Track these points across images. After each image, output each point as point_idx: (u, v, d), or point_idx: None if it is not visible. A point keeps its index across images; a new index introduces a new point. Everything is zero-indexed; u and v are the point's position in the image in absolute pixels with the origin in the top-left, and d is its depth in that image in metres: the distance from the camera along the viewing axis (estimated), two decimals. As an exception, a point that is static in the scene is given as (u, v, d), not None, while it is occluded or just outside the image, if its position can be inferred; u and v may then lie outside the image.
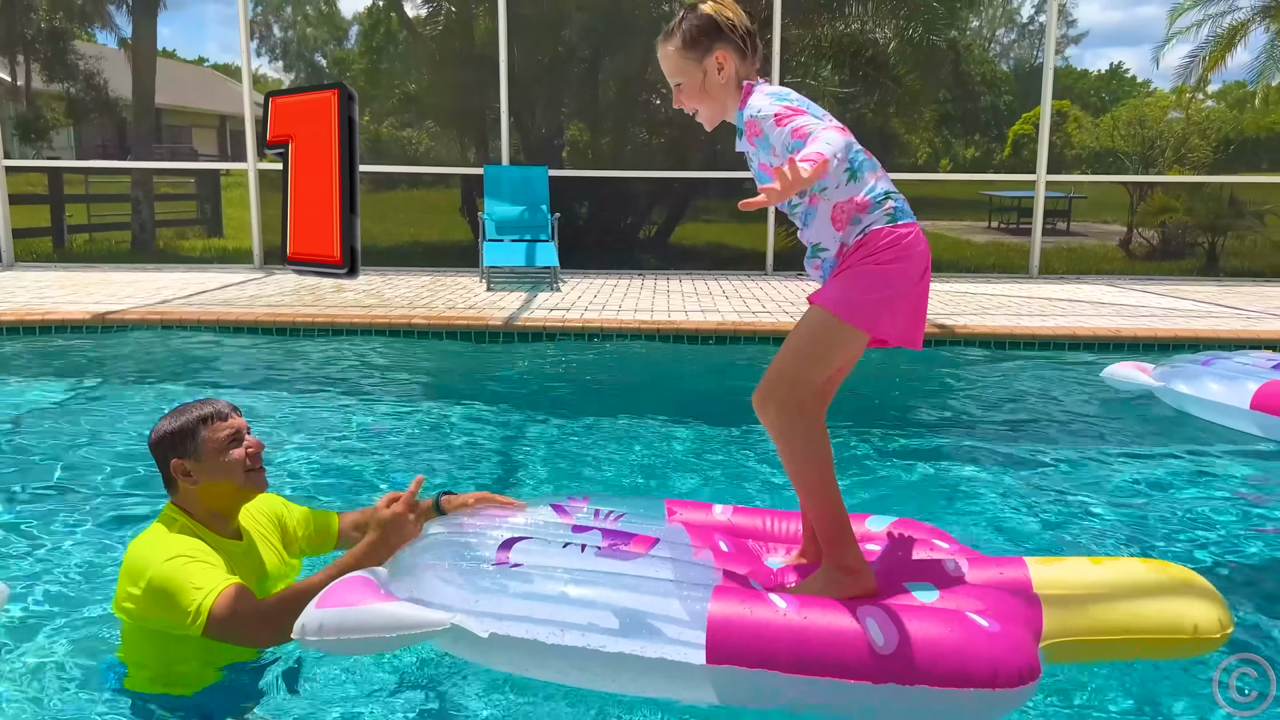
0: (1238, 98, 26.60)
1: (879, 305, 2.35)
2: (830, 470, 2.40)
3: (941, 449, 4.90)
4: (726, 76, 2.44)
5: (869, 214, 2.36)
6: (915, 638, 2.11)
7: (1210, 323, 7.70)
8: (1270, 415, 4.81)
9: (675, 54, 2.46)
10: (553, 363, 6.79)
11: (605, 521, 2.72)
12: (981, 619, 2.19)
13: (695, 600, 2.20)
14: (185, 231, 16.96)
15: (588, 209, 14.60)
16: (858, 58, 14.29)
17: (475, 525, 2.61)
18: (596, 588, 2.24)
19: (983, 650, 2.11)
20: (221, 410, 2.52)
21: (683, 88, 2.49)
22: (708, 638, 2.12)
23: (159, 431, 2.49)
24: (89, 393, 5.67)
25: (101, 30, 18.10)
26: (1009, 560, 2.55)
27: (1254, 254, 13.51)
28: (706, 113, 2.52)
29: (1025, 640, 2.20)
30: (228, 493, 2.49)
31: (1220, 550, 3.58)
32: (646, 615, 2.17)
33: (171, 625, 2.29)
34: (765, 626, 2.14)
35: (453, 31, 14.79)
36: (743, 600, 2.21)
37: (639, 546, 2.50)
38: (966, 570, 2.49)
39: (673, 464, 4.54)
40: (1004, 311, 8.19)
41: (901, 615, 2.17)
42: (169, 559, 2.31)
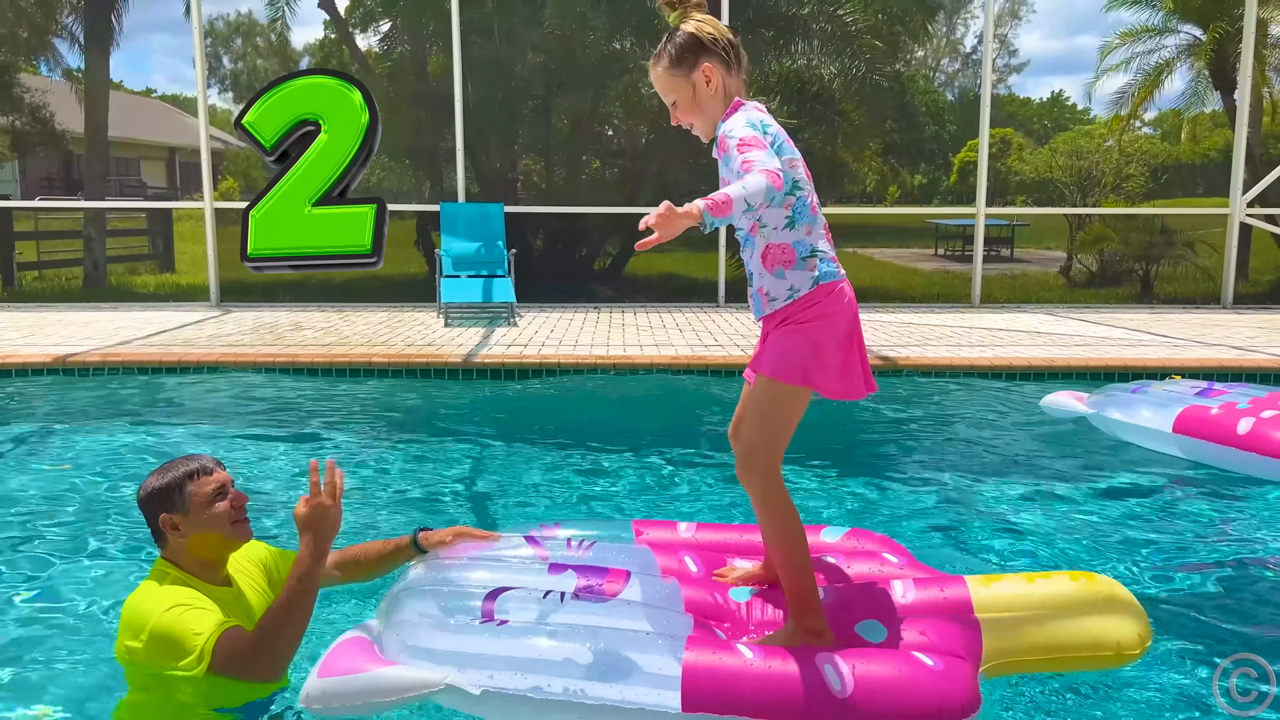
0: (1173, 126, 27.50)
1: (811, 362, 2.56)
2: (803, 536, 2.63)
3: (884, 475, 5.17)
4: (715, 88, 2.60)
5: (793, 270, 2.56)
6: (869, 681, 2.34)
7: (1139, 351, 8.07)
8: (1188, 438, 5.16)
9: (665, 73, 2.63)
10: (512, 398, 6.97)
11: (579, 551, 2.93)
12: (926, 657, 2.42)
13: (671, 651, 2.40)
14: (137, 267, 16.90)
15: (543, 242, 14.82)
16: (804, 93, 14.70)
17: (458, 575, 2.77)
18: (579, 642, 2.43)
19: (928, 688, 2.34)
20: (206, 465, 2.67)
21: (677, 104, 2.65)
22: (683, 686, 2.34)
23: (147, 488, 2.63)
24: (54, 438, 5.75)
25: (46, 63, 18.03)
26: (951, 579, 2.77)
27: (1185, 280, 14.04)
28: (701, 125, 2.67)
29: (966, 672, 2.43)
30: (215, 543, 2.64)
31: (1144, 564, 3.89)
32: (627, 667, 2.38)
33: (177, 670, 2.44)
34: (735, 675, 2.36)
35: (405, 69, 14.98)
36: (714, 650, 2.42)
37: (615, 582, 2.70)
38: (913, 594, 2.71)
39: (633, 493, 4.76)
40: (945, 343, 8.51)
41: (855, 660, 2.40)
42: (167, 609, 2.47)
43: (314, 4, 15.41)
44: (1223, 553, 4.08)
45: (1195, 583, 3.74)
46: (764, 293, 2.61)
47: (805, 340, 2.55)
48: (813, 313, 2.55)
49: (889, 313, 10.87)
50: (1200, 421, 5.13)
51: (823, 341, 2.56)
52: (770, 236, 2.57)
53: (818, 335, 2.55)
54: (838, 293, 2.58)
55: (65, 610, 3.36)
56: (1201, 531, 4.33)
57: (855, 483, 4.99)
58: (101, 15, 14.90)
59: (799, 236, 2.56)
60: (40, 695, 2.77)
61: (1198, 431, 5.13)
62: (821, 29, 14.06)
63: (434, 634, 2.48)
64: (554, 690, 2.35)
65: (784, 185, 2.40)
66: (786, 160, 2.52)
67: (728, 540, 3.17)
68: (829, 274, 2.57)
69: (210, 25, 38.14)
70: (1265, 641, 3.24)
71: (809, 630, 2.55)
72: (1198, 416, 5.17)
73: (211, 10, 36.05)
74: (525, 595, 2.61)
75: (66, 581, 3.60)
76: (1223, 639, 3.22)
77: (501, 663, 2.39)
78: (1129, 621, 2.63)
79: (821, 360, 2.56)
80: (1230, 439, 4.92)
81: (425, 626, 2.51)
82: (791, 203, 2.55)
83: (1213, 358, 7.71)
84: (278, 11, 15.68)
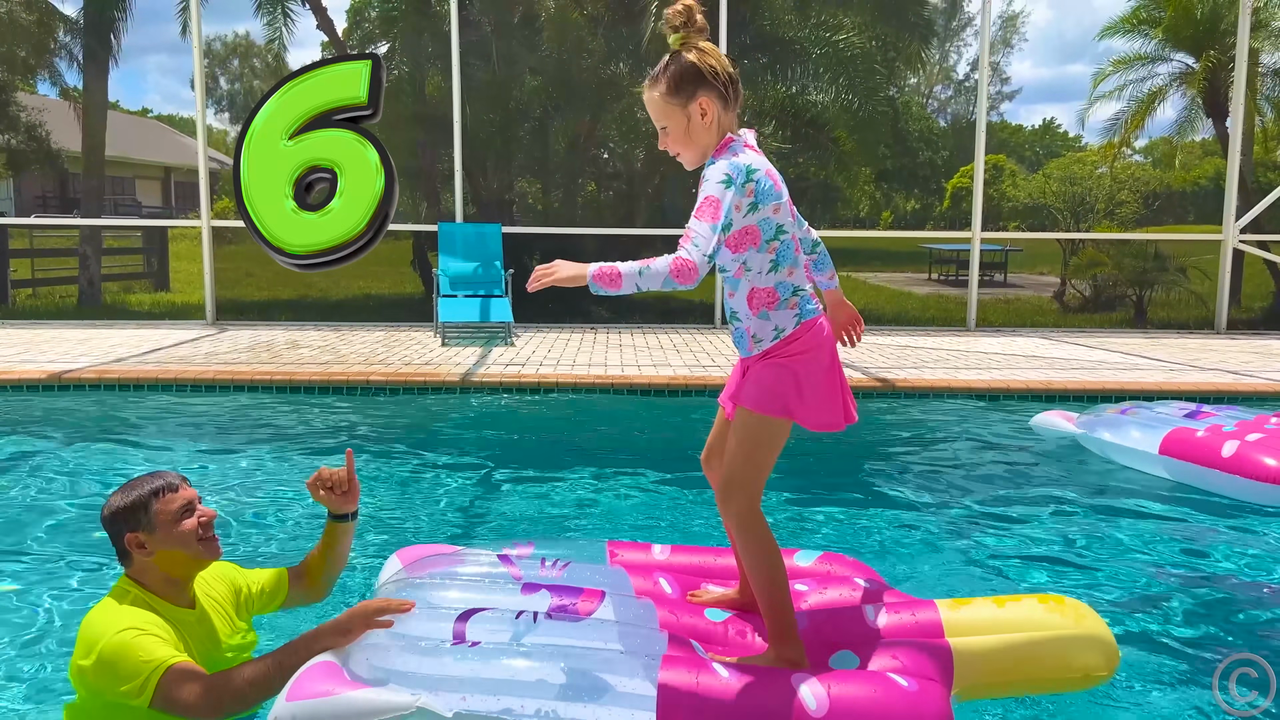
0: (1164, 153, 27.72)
1: (792, 395, 2.59)
2: (782, 567, 2.63)
3: (875, 495, 5.18)
4: (710, 121, 2.56)
5: (776, 310, 2.60)
6: (843, 702, 2.34)
7: (1135, 375, 8.10)
8: (1174, 460, 5.20)
9: (660, 99, 2.58)
10: (509, 418, 6.96)
11: (552, 570, 2.89)
12: (901, 679, 2.43)
13: (646, 670, 2.39)
14: (132, 285, 16.87)
15: (539, 263, 14.83)
16: (798, 118, 14.81)
17: (429, 595, 2.73)
18: (552, 662, 2.40)
19: (903, 709, 2.34)
20: (172, 482, 2.60)
21: (668, 131, 2.60)
22: (658, 706, 2.32)
23: (111, 507, 2.56)
24: (49, 455, 5.72)
25: (43, 81, 18.06)
26: (922, 603, 2.79)
27: (1179, 306, 14.12)
28: (689, 156, 2.65)
29: (938, 694, 2.43)
30: (183, 561, 2.58)
31: (1123, 584, 3.92)
32: (602, 687, 2.35)
33: (120, 696, 2.36)
34: (711, 695, 2.34)
35: (403, 90, 15.04)
36: (690, 670, 2.40)
37: (589, 601, 2.68)
38: (884, 618, 2.73)
39: (625, 515, 4.74)
40: (942, 365, 8.53)
41: (830, 681, 2.39)
42: (120, 630, 2.39)
43: (312, 25, 15.51)
44: (1203, 575, 4.09)
45: (1171, 605, 3.75)
46: (750, 334, 2.65)
47: (788, 374, 2.59)
48: (795, 348, 2.59)
49: (885, 335, 10.89)
50: (1186, 444, 5.17)
51: (804, 376, 2.59)
52: (755, 280, 2.61)
53: (799, 370, 2.59)
54: (818, 328, 2.62)
55: (43, 625, 3.33)
56: (1181, 554, 4.33)
57: (843, 502, 5.00)
58: (100, 35, 14.94)
59: (782, 279, 2.60)
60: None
61: (1183, 453, 5.17)
62: (817, 55, 14.16)
63: (405, 656, 2.44)
64: (527, 711, 2.32)
65: (755, 255, 2.53)
66: (771, 206, 2.54)
67: (702, 563, 3.16)
68: (810, 311, 2.62)
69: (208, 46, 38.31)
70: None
71: (787, 660, 2.56)
72: (1183, 439, 5.21)
73: (209, 31, 36.21)
74: (498, 616, 2.58)
75: (51, 597, 3.57)
76: (1198, 661, 3.24)
77: (474, 684, 2.36)
78: (1097, 645, 2.65)
79: (802, 394, 2.59)
80: (1215, 461, 4.96)
81: (396, 649, 2.47)
82: (775, 247, 2.58)
83: (1209, 382, 7.74)
84: (275, 32, 15.77)
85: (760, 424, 2.59)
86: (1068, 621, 2.68)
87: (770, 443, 2.61)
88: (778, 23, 14.37)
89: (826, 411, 2.63)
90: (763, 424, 2.58)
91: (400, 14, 14.89)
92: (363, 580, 3.70)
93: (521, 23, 14.68)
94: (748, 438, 2.61)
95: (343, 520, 3.00)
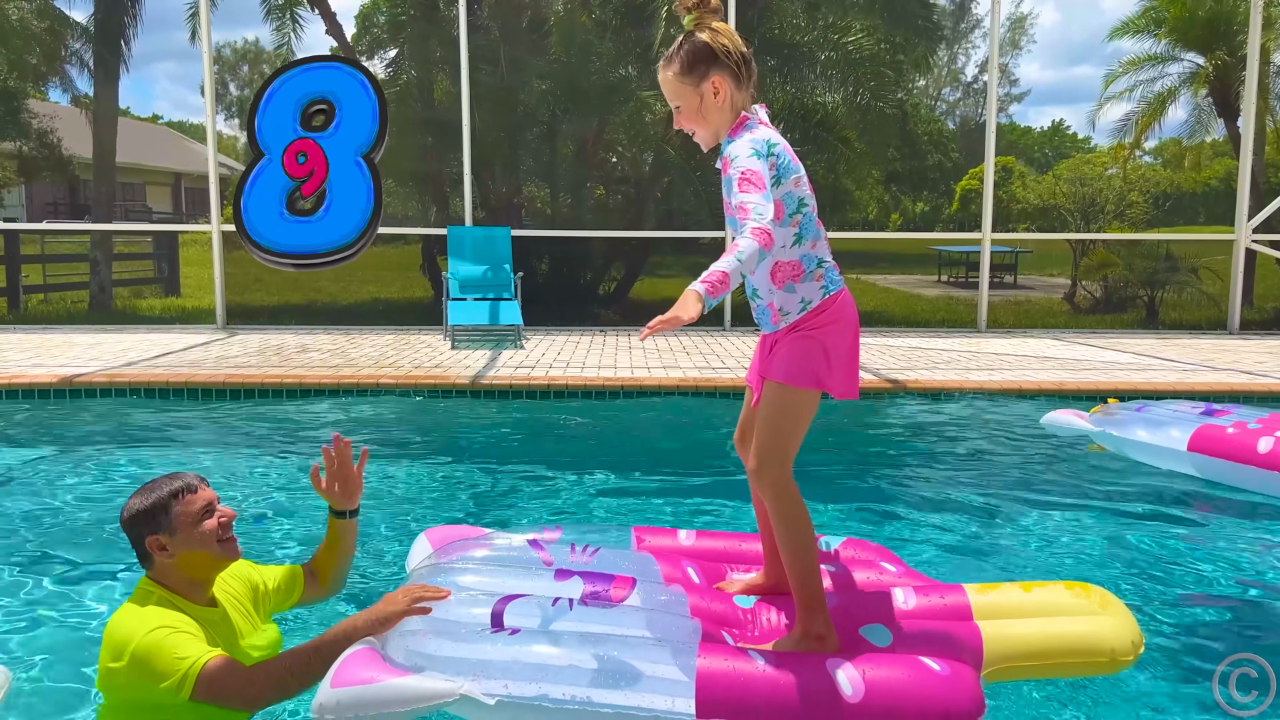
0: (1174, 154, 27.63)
1: (821, 366, 2.63)
2: (813, 540, 2.66)
3: (890, 493, 5.17)
4: (723, 100, 2.59)
5: (802, 282, 2.62)
6: (878, 686, 2.35)
7: (1148, 375, 8.05)
8: (1205, 457, 5.17)
9: (674, 79, 2.61)
10: (519, 420, 6.95)
11: (582, 556, 2.93)
12: (933, 662, 2.44)
13: (684, 657, 2.40)
14: (142, 291, 16.93)
15: (548, 266, 14.85)
16: (807, 120, 14.78)
17: (464, 581, 2.76)
18: (591, 649, 2.41)
19: (936, 693, 2.36)
20: (191, 483, 2.59)
21: (681, 110, 2.64)
22: (696, 694, 2.33)
23: (131, 510, 2.55)
24: (59, 458, 5.72)
25: (54, 88, 18.16)
26: (950, 587, 2.83)
27: (1190, 307, 14.04)
28: (703, 134, 2.67)
29: (970, 678, 2.45)
30: (205, 562, 2.57)
31: (1140, 574, 3.92)
32: (641, 674, 2.37)
33: (158, 695, 2.36)
34: (747, 681, 2.35)
35: (412, 94, 15.07)
36: (726, 657, 2.42)
37: (621, 588, 2.70)
38: (913, 600, 2.76)
39: (639, 518, 4.71)
40: (953, 366, 8.49)
41: (865, 665, 2.41)
42: (151, 630, 2.39)
43: (321, 31, 15.52)
44: (1226, 570, 4.07)
45: (1196, 598, 3.75)
46: (775, 308, 2.67)
47: (817, 346, 2.62)
48: (822, 319, 2.62)
49: (896, 337, 10.86)
50: (1218, 440, 5.12)
51: (833, 346, 2.63)
52: (779, 254, 2.62)
53: (828, 341, 2.63)
54: (844, 300, 2.67)
55: (65, 630, 3.32)
56: (1201, 549, 4.32)
57: (860, 498, 5.01)
58: (110, 42, 15.00)
59: (806, 251, 2.63)
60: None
61: (1215, 450, 5.12)
62: (826, 57, 14.14)
63: (444, 643, 2.46)
64: (569, 698, 2.33)
65: (779, 229, 2.49)
66: (792, 180, 2.58)
67: (727, 548, 3.19)
68: (835, 282, 2.66)
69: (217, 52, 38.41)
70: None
71: (815, 635, 2.57)
72: (1214, 435, 5.17)
73: (218, 38, 36.34)
74: (534, 602, 2.60)
75: (65, 601, 3.57)
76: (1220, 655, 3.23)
77: (515, 671, 2.37)
78: (1123, 628, 2.67)
79: (831, 364, 2.63)
80: (1251, 458, 4.92)
81: (435, 635, 2.49)
82: (799, 220, 2.60)
83: (1223, 382, 7.69)
84: (284, 38, 15.80)
85: (791, 396, 2.62)
86: (1093, 606, 2.72)
87: (801, 413, 2.64)
88: (786, 26, 14.36)
89: (850, 380, 2.68)
90: (794, 396, 2.62)
91: (408, 19, 14.93)
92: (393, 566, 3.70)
93: (529, 27, 14.68)
94: (779, 410, 2.63)
95: (342, 517, 3.02)
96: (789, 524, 2.63)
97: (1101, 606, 2.73)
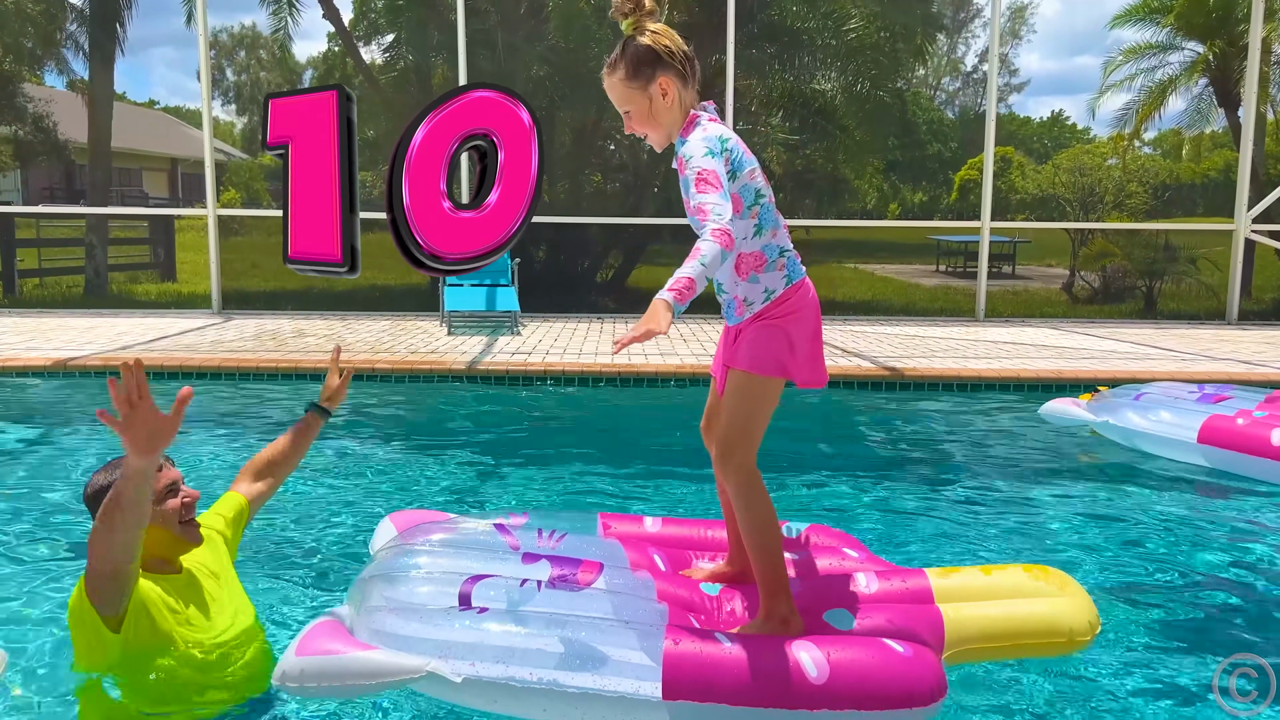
0: (1173, 145, 27.59)
1: (786, 354, 2.65)
2: (777, 525, 2.69)
3: (879, 481, 5.15)
4: (672, 101, 2.60)
5: (765, 272, 2.64)
6: (843, 667, 2.38)
7: (1147, 364, 8.03)
8: (1216, 448, 5.16)
9: (620, 84, 2.62)
10: (515, 406, 6.92)
11: (549, 542, 2.91)
12: (896, 644, 2.46)
13: (651, 640, 2.41)
14: (138, 276, 16.86)
15: (545, 253, 14.81)
16: (807, 107, 14.73)
17: (432, 561, 2.73)
18: (559, 631, 2.42)
19: (900, 673, 2.38)
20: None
21: (631, 114, 2.65)
22: (663, 675, 2.35)
23: (95, 485, 2.54)
24: (54, 441, 5.70)
25: (51, 72, 18.06)
26: (911, 571, 2.87)
27: (1189, 297, 14.02)
28: (656, 136, 2.68)
29: (933, 659, 2.47)
30: (164, 540, 2.56)
31: (1134, 568, 3.90)
32: (608, 656, 2.38)
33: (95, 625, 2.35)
34: (714, 663, 2.37)
35: (409, 81, 14.99)
36: (693, 639, 2.43)
37: (588, 573, 2.69)
38: (875, 584, 2.79)
39: (629, 503, 4.69)
40: (951, 355, 8.47)
41: (829, 648, 2.43)
42: None
43: (318, 16, 15.46)
44: (1221, 561, 4.06)
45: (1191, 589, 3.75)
46: (740, 299, 2.69)
47: (781, 334, 2.65)
48: (785, 308, 2.64)
49: (893, 325, 10.84)
50: (1230, 432, 5.11)
51: (796, 335, 2.65)
52: (741, 246, 2.63)
53: (791, 329, 2.65)
54: (805, 288, 2.68)
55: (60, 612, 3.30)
56: (1200, 539, 4.31)
57: (848, 489, 4.98)
58: (106, 26, 14.91)
59: (767, 241, 2.64)
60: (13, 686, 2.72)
61: (1227, 442, 5.11)
62: (825, 44, 14.08)
63: (412, 621, 2.47)
64: (536, 679, 2.35)
65: (738, 222, 2.51)
66: (747, 173, 2.59)
67: (693, 535, 3.21)
68: (798, 271, 2.69)
69: (214, 38, 38.32)
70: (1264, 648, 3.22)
71: (779, 618, 2.60)
72: (1225, 427, 5.15)
73: (215, 23, 36.21)
74: (502, 583, 2.59)
75: (58, 584, 3.54)
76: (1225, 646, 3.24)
77: (483, 651, 2.39)
78: (1080, 609, 2.72)
79: (795, 352, 2.66)
80: (1265, 450, 4.91)
81: (402, 613, 2.49)
82: (757, 211, 2.62)
83: (1221, 371, 7.68)
84: (281, 23, 15.73)
85: (756, 384, 2.64)
86: (1052, 588, 2.78)
87: (765, 402, 2.66)
88: (785, 13, 14.30)
89: (814, 368, 2.71)
90: (758, 384, 2.64)
91: (406, 4, 14.83)
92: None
93: (528, 13, 14.61)
94: (744, 399, 2.65)
95: (325, 415, 3.23)
96: (752, 511, 2.64)
97: (1059, 588, 2.79)
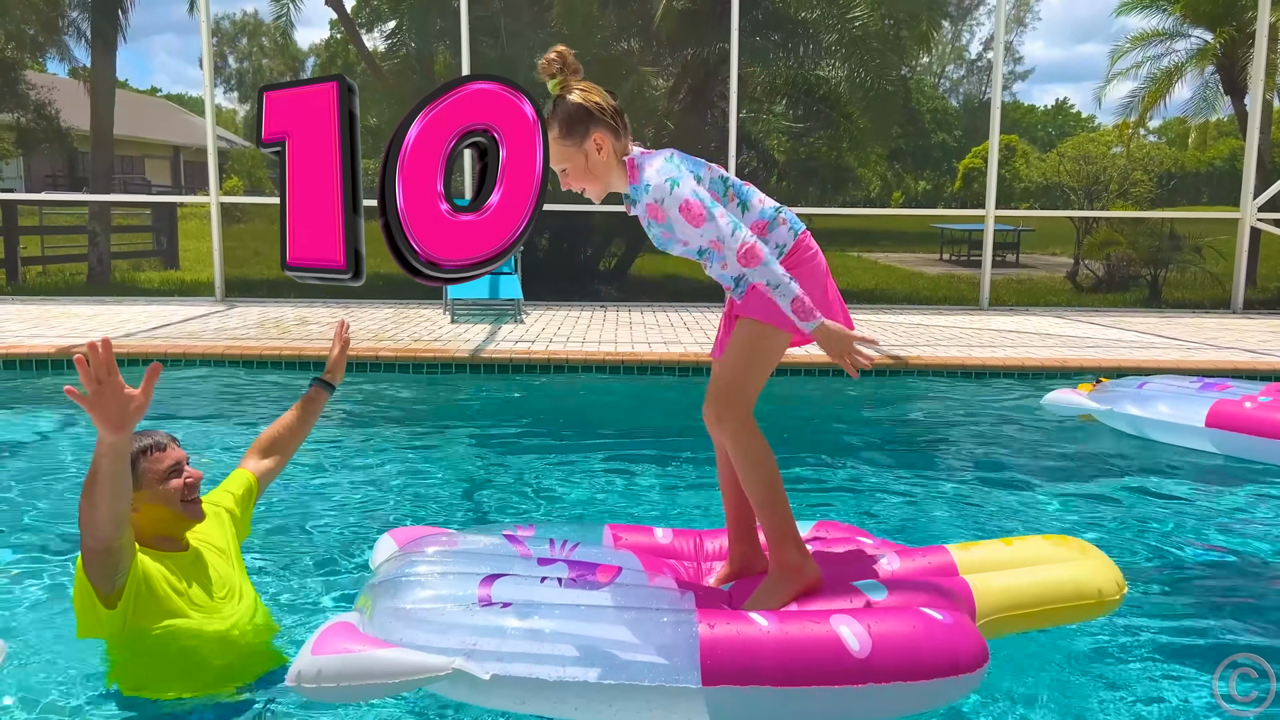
0: (1178, 134, 27.46)
1: None
2: (778, 475, 2.64)
3: (886, 469, 5.15)
4: (606, 155, 2.59)
5: (770, 233, 2.63)
6: (885, 639, 2.30)
7: (1152, 353, 8.00)
8: (1226, 432, 5.16)
9: (555, 142, 2.56)
10: (517, 394, 6.91)
11: (561, 551, 2.78)
12: (935, 612, 2.39)
13: (684, 627, 2.31)
14: (141, 264, 16.85)
15: (549, 241, 14.77)
16: (810, 95, 14.67)
17: (447, 562, 2.63)
18: (587, 622, 2.32)
19: (942, 642, 2.32)
20: (160, 441, 2.62)
21: (569, 172, 2.62)
22: (701, 661, 2.24)
23: None
24: (58, 428, 5.70)
25: (53, 59, 18.00)
26: (931, 549, 2.85)
27: (1194, 286, 13.97)
28: (594, 189, 2.66)
29: (972, 626, 2.42)
30: (167, 518, 2.59)
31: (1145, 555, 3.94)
32: (642, 645, 2.27)
33: (91, 600, 2.37)
34: (752, 646, 2.27)
35: (412, 68, 14.94)
36: (728, 622, 2.33)
37: (606, 574, 2.58)
38: (898, 562, 2.76)
39: (635, 491, 4.69)
40: (955, 343, 8.45)
41: (869, 620, 2.34)
42: None
43: (320, 3, 15.40)
44: (1229, 548, 4.06)
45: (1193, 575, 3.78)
46: None
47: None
48: (792, 261, 2.62)
49: (897, 314, 10.81)
50: (1239, 417, 5.10)
51: (809, 283, 2.62)
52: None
53: (805, 278, 2.61)
54: (808, 241, 2.68)
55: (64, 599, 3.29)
56: (1207, 525, 4.31)
57: (855, 478, 4.98)
58: (108, 13, 14.85)
59: (757, 210, 2.66)
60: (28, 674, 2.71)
61: (1237, 426, 5.11)
62: (829, 31, 14.01)
63: (431, 619, 2.34)
64: (568, 673, 2.24)
65: (729, 215, 2.52)
66: (704, 171, 2.63)
67: (707, 548, 3.07)
68: (798, 225, 2.68)
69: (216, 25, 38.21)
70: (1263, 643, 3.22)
71: (792, 565, 2.57)
72: (1233, 411, 5.15)
73: (217, 10, 36.11)
74: (522, 580, 2.49)
75: (63, 571, 3.53)
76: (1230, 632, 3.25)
77: (510, 647, 2.27)
78: (1105, 570, 2.72)
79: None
80: (1275, 431, 4.92)
81: (420, 613, 2.36)
82: (733, 194, 2.64)
83: (1227, 360, 7.65)
84: (283, 9, 15.67)
85: (762, 334, 2.62)
86: (1074, 553, 2.78)
87: (768, 354, 2.65)
88: (789, 1, 14.22)
89: (831, 313, 2.66)
90: (764, 334, 2.62)
91: (409, -10, 14.78)
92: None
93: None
94: (748, 347, 2.64)
95: (329, 389, 3.27)
96: (753, 462, 2.62)
97: (1082, 551, 2.79)
